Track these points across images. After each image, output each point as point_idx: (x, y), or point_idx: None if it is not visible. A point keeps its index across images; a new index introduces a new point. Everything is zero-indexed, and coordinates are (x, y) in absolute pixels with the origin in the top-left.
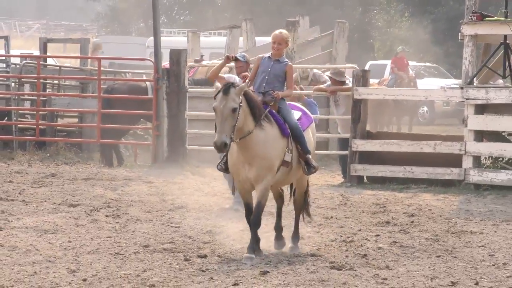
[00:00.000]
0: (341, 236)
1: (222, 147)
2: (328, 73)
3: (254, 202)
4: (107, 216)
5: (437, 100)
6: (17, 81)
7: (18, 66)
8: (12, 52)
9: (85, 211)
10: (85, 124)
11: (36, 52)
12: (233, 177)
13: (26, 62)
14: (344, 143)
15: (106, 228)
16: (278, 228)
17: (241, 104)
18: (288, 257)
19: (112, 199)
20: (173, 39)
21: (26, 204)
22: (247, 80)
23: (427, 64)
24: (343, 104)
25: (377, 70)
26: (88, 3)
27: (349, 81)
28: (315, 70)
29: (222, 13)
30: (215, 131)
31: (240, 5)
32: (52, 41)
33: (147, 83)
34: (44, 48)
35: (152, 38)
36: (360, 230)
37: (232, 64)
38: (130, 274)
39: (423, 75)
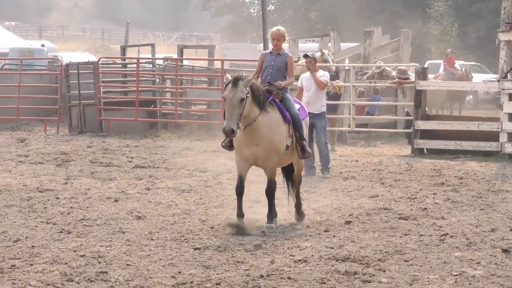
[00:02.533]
0: (406, 194)
1: (230, 133)
2: (394, 72)
3: (267, 182)
4: (228, 179)
5: (479, 90)
6: (161, 77)
7: (161, 66)
8: (156, 56)
9: (212, 176)
10: (212, 109)
11: (175, 56)
12: (236, 153)
13: (167, 63)
14: (409, 123)
15: (228, 189)
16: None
17: (248, 95)
18: (367, 210)
19: (232, 166)
20: None
21: (168, 171)
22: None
23: (472, 63)
24: (408, 94)
25: (433, 67)
26: (214, 18)
27: (411, 76)
28: (386, 68)
29: (315, 25)
30: (224, 118)
31: (328, 19)
32: (186, 47)
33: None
34: (180, 53)
35: (262, 44)
36: (421, 189)
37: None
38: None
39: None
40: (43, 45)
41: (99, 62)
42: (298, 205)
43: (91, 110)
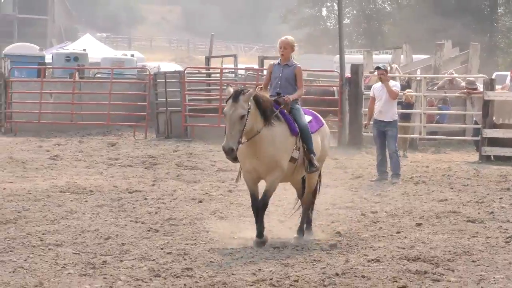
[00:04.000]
0: (474, 198)
1: (229, 152)
2: (463, 83)
3: (263, 191)
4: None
5: None
6: (243, 86)
7: (243, 75)
8: (238, 66)
9: None
10: None
11: (256, 66)
12: (240, 166)
13: (249, 73)
14: (477, 131)
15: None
16: (309, 221)
17: (249, 110)
18: (436, 213)
19: None
20: (352, 57)
21: None
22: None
23: None
24: (477, 104)
25: (501, 79)
26: (292, 31)
27: (479, 87)
28: (457, 78)
29: (388, 37)
30: (225, 134)
31: (401, 32)
32: (267, 58)
33: (334, 88)
34: (261, 63)
35: (338, 56)
36: (488, 194)
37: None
38: (323, 224)
39: None
40: (132, 55)
41: (185, 72)
42: (300, 229)
43: (177, 116)
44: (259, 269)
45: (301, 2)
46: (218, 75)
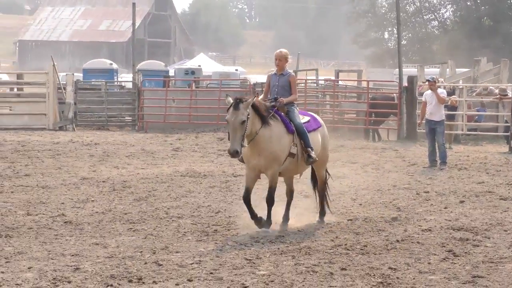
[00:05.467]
0: (505, 181)
1: (234, 154)
2: (496, 91)
3: (267, 188)
4: (372, 169)
5: None
6: (322, 93)
7: (322, 85)
8: (319, 77)
9: (360, 166)
10: (359, 117)
11: (332, 78)
12: (246, 165)
13: (327, 83)
14: (507, 128)
15: (372, 175)
16: (285, 218)
17: (248, 116)
18: (476, 193)
19: (375, 159)
20: (408, 70)
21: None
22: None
23: None
24: (507, 106)
25: None
26: (361, 50)
27: (509, 93)
28: (490, 87)
29: (436, 55)
30: (228, 139)
31: (446, 51)
32: (341, 71)
33: (394, 94)
34: (337, 75)
35: (397, 69)
36: None
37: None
38: (386, 201)
39: None
40: (236, 70)
41: None
42: (321, 213)
43: None
44: (336, 237)
45: (368, 27)
46: (303, 84)
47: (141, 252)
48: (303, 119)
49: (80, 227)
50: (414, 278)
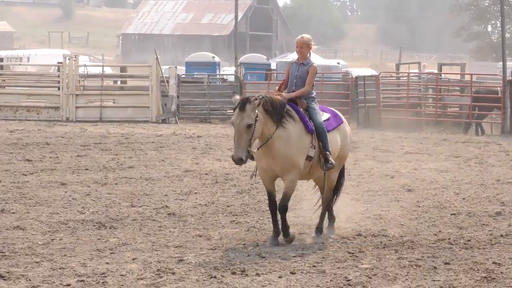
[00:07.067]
0: None
1: (238, 162)
2: None
3: (282, 194)
4: (475, 163)
5: None
6: (425, 87)
7: (425, 78)
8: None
9: (463, 160)
10: (463, 111)
11: (435, 71)
12: (256, 164)
13: (429, 76)
14: None
15: (475, 169)
16: (331, 219)
17: (257, 118)
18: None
19: (478, 153)
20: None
21: (430, 156)
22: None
23: None
24: None
25: None
26: (463, 43)
27: None
28: None
29: None
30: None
31: None
32: (444, 65)
33: (498, 88)
34: (439, 68)
35: (501, 63)
36: None
37: None
38: (489, 195)
39: None
40: (338, 63)
41: (380, 76)
42: (318, 229)
43: (373, 110)
44: (439, 231)
45: (471, 20)
46: (405, 78)
47: (244, 244)
48: (322, 116)
49: (183, 219)
50: None
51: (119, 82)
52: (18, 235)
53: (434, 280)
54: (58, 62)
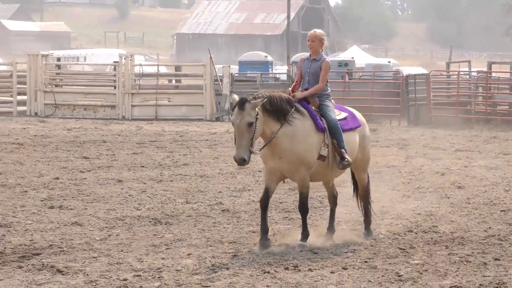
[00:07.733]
0: None
1: (241, 162)
2: None
3: (299, 196)
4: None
5: None
6: (475, 85)
7: (475, 77)
8: (472, 69)
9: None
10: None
11: (485, 69)
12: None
13: (479, 75)
14: None
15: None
16: (331, 230)
17: (257, 117)
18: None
19: None
20: None
21: (480, 153)
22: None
23: None
24: None
25: None
26: None
27: None
28: None
29: None
30: (235, 143)
31: None
32: (494, 63)
33: None
34: (489, 67)
35: None
36: None
37: None
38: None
39: None
40: (389, 62)
41: (430, 74)
42: (366, 222)
43: (423, 108)
44: (489, 227)
45: None
46: (455, 76)
47: (297, 240)
48: (339, 115)
49: (237, 215)
50: None
51: (174, 81)
52: (76, 231)
53: (484, 276)
54: (114, 62)
